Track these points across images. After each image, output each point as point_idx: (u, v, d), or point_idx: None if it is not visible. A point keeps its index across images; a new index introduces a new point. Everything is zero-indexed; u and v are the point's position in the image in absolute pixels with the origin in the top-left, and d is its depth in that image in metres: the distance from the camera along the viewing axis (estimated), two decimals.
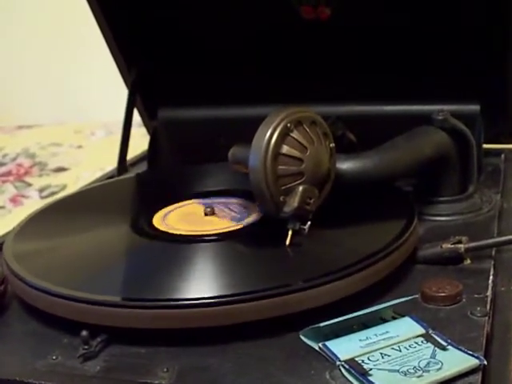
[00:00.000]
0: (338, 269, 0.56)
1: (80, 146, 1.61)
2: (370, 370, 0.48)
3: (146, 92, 0.92)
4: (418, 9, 0.80)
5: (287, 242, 0.61)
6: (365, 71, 0.85)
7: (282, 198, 0.61)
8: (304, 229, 0.61)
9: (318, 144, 0.62)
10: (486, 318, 0.54)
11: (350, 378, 0.48)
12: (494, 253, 0.63)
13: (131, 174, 0.88)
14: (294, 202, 0.60)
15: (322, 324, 0.52)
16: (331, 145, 0.64)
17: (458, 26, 0.80)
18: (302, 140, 0.61)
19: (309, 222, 0.61)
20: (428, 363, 0.49)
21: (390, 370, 0.48)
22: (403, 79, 0.82)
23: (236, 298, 0.54)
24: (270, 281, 0.56)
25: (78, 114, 1.77)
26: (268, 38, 0.86)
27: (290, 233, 0.61)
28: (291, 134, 0.61)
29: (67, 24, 1.74)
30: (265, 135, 0.60)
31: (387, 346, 0.51)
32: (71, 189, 1.30)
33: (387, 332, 0.52)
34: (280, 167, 0.61)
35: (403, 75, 0.82)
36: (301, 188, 0.61)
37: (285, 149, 0.61)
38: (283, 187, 0.61)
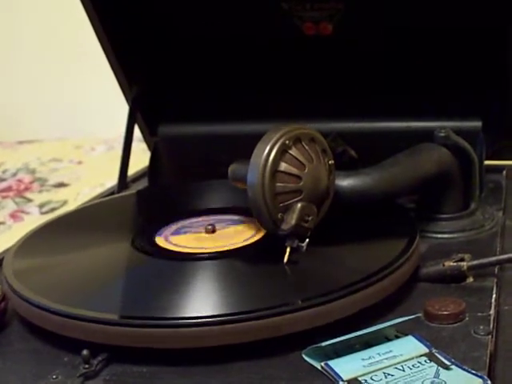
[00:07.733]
0: (338, 288, 0.56)
1: (80, 162, 1.61)
2: None
3: (146, 108, 0.92)
4: (419, 26, 0.80)
5: (285, 259, 0.60)
6: (366, 88, 0.85)
7: (279, 216, 0.60)
8: (302, 246, 0.60)
9: (317, 161, 0.62)
10: (490, 336, 0.54)
11: None
12: (496, 271, 0.63)
13: (132, 191, 0.87)
14: (291, 219, 0.60)
15: (324, 343, 0.51)
16: (330, 162, 0.64)
17: (460, 43, 0.80)
18: (301, 157, 0.61)
19: (307, 240, 0.61)
20: (432, 383, 0.48)
21: None
22: (405, 96, 0.82)
23: (233, 317, 0.53)
24: (270, 300, 0.55)
25: (78, 130, 1.77)
26: (269, 54, 0.86)
27: (287, 250, 0.61)
28: (289, 152, 0.61)
29: (68, 40, 1.74)
30: (263, 152, 0.60)
31: (390, 366, 0.50)
32: (72, 205, 1.30)
33: (390, 351, 0.52)
34: (278, 184, 0.60)
35: (405, 92, 0.82)
36: (299, 205, 0.61)
37: (283, 166, 0.61)
38: (281, 204, 0.60)
